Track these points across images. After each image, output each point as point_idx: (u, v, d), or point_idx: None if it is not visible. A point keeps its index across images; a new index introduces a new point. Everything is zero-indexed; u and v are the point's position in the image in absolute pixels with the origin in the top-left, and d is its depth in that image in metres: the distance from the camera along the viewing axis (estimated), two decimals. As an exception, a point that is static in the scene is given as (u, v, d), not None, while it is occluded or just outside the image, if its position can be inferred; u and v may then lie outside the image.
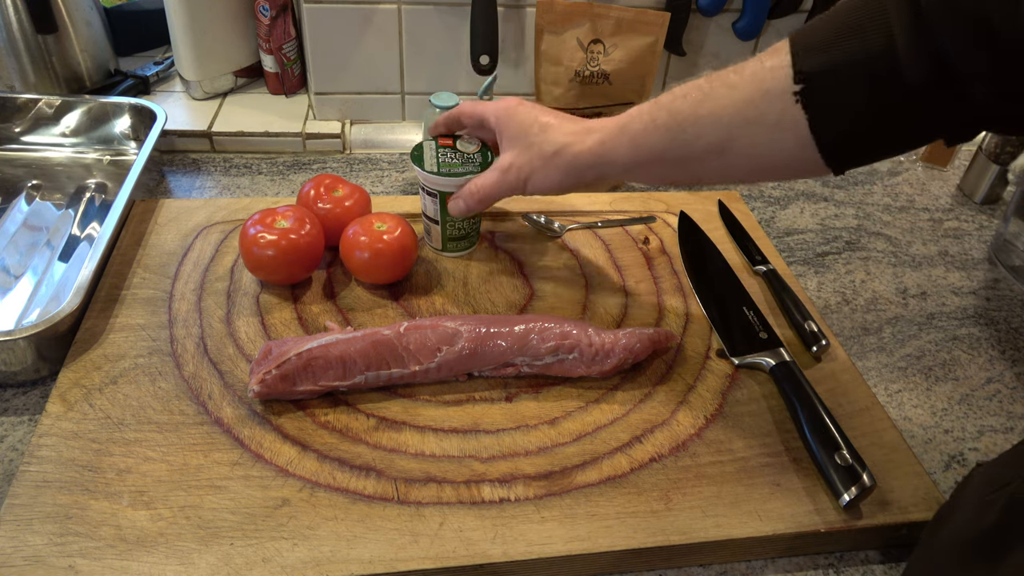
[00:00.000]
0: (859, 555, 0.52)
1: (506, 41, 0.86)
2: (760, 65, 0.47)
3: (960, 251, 0.82)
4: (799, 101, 0.44)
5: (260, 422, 0.54)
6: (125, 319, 0.61)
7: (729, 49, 0.91)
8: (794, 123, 0.45)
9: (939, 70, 0.40)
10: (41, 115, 0.82)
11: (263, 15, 0.88)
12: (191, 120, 0.88)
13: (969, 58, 0.39)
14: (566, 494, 0.51)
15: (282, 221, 0.63)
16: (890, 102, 0.42)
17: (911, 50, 0.40)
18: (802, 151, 0.46)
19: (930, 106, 0.42)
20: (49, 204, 0.76)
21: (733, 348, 0.63)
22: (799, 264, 0.78)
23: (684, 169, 0.52)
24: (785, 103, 0.45)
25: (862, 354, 0.68)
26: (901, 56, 0.41)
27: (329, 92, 0.89)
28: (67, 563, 0.44)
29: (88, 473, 0.49)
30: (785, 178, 0.51)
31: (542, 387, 0.59)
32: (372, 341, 0.56)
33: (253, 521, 0.48)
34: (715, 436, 0.56)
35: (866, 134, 0.45)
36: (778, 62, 0.45)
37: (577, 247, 0.74)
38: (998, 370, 0.67)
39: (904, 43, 0.41)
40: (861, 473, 0.51)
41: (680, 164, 0.52)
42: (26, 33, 0.84)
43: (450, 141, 0.68)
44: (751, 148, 0.48)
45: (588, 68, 0.82)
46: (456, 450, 0.53)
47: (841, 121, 0.44)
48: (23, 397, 0.57)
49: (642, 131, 0.52)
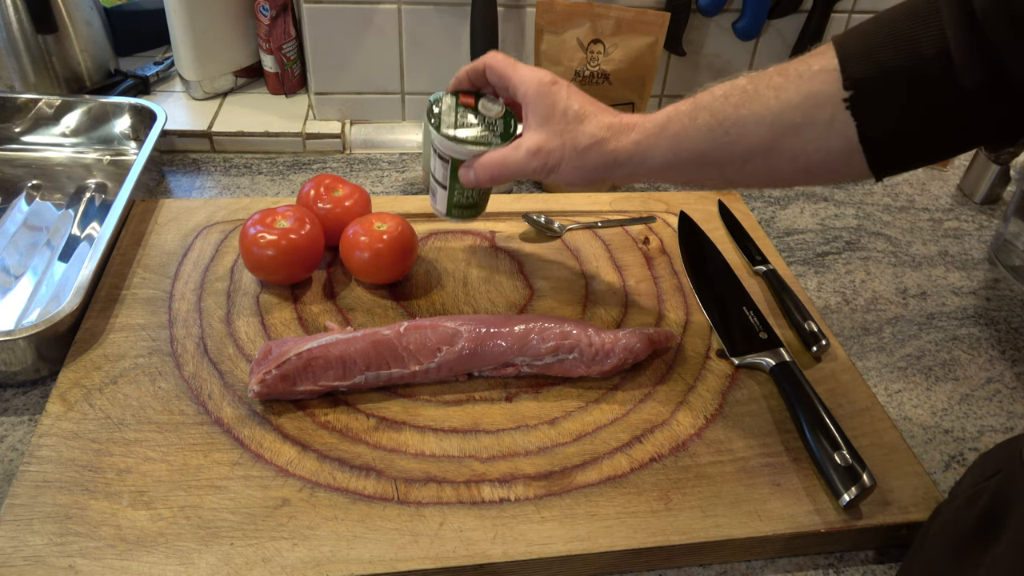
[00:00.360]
0: (859, 555, 0.52)
1: (506, 41, 0.86)
2: (807, 67, 0.46)
3: (960, 251, 0.82)
4: (849, 107, 0.44)
5: (260, 422, 0.54)
6: (125, 319, 0.61)
7: (729, 49, 0.91)
8: (843, 128, 0.45)
9: (993, 76, 0.40)
10: (41, 115, 0.82)
11: (263, 15, 0.88)
12: (191, 120, 0.88)
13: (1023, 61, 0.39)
14: (566, 494, 0.51)
15: (282, 221, 0.63)
16: (942, 107, 0.42)
17: (965, 56, 0.40)
18: (848, 156, 0.46)
19: (981, 112, 0.42)
20: (49, 204, 0.76)
21: (733, 348, 0.63)
22: (799, 264, 0.78)
23: (722, 171, 0.51)
24: (835, 108, 0.45)
25: (862, 354, 0.68)
26: (956, 62, 0.41)
27: (329, 92, 0.89)
28: (67, 563, 0.44)
29: (88, 473, 0.49)
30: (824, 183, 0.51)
31: (542, 387, 0.59)
32: (372, 341, 0.56)
33: (253, 521, 0.48)
34: (715, 436, 0.56)
35: (915, 140, 0.45)
36: (825, 65, 0.45)
37: (577, 247, 0.74)
38: (998, 370, 0.67)
39: (959, 49, 0.40)
40: (861, 473, 0.51)
41: (719, 166, 0.51)
42: (26, 33, 0.84)
43: (471, 100, 0.60)
44: (796, 151, 0.47)
45: (588, 68, 0.82)
46: (456, 450, 0.53)
47: (891, 127, 0.44)
48: (23, 397, 0.57)
49: (682, 131, 0.51)
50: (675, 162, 0.52)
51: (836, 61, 0.45)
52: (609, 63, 0.82)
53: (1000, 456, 0.42)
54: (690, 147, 0.51)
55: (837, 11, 0.90)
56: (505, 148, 0.56)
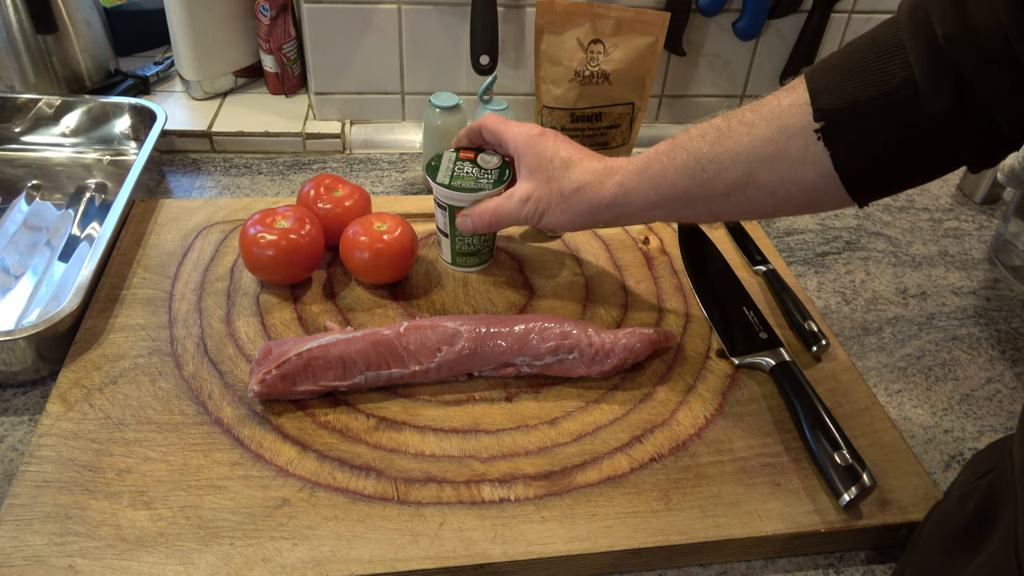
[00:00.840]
0: (859, 555, 0.52)
1: (506, 41, 0.86)
2: (777, 103, 0.47)
3: (960, 251, 0.82)
4: (821, 138, 0.45)
5: (260, 422, 0.54)
6: (125, 319, 0.61)
7: (729, 49, 0.91)
8: (817, 160, 0.45)
9: (960, 98, 0.40)
10: (41, 115, 0.82)
11: (263, 15, 0.88)
12: (191, 120, 0.88)
13: (990, 84, 0.39)
14: (566, 494, 0.51)
15: (282, 221, 0.63)
16: (913, 133, 0.43)
17: (931, 80, 0.41)
18: (826, 186, 0.46)
19: (953, 134, 0.42)
20: (49, 204, 0.76)
21: (733, 348, 0.63)
22: (799, 264, 0.78)
23: (704, 207, 0.53)
24: (807, 140, 0.45)
25: (862, 354, 0.68)
26: (921, 87, 0.41)
27: (329, 92, 0.89)
28: (67, 563, 0.44)
29: (88, 473, 0.49)
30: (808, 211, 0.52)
31: (542, 387, 0.59)
32: (372, 341, 0.56)
33: (253, 521, 0.48)
34: (715, 436, 0.56)
35: (891, 166, 0.45)
36: (796, 99, 0.46)
37: (577, 247, 0.74)
38: (998, 370, 0.67)
39: (923, 74, 0.41)
40: (861, 473, 0.51)
41: (700, 202, 0.52)
42: (26, 33, 0.84)
43: (471, 154, 0.67)
44: (773, 185, 0.48)
45: (588, 68, 0.82)
46: (456, 450, 0.53)
47: (865, 156, 0.45)
48: (23, 397, 0.57)
49: (662, 172, 0.53)
50: (658, 201, 0.54)
51: (807, 95, 0.45)
52: (609, 63, 0.82)
53: (993, 455, 0.43)
54: (670, 186, 0.52)
55: (837, 11, 0.90)
56: (499, 197, 0.61)
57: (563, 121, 0.84)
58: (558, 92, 0.83)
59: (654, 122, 0.97)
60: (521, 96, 0.91)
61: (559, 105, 0.84)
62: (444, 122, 0.76)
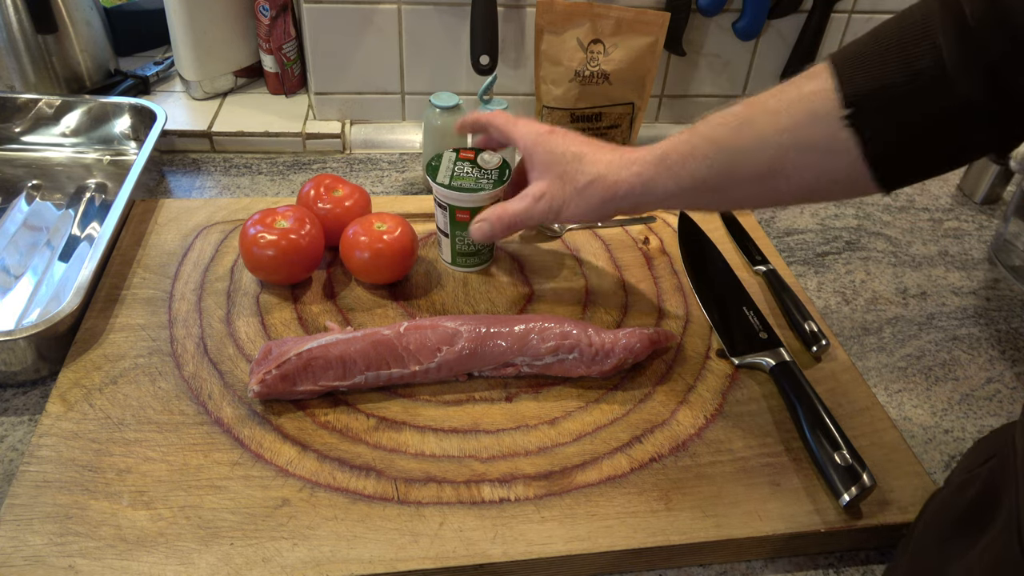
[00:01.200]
0: (859, 555, 0.52)
1: (506, 41, 0.86)
2: (799, 90, 0.46)
3: (960, 251, 0.82)
4: (849, 124, 0.44)
5: (260, 422, 0.54)
6: (125, 319, 0.61)
7: (729, 49, 0.91)
8: (845, 146, 0.45)
9: (990, 83, 0.40)
10: (41, 115, 0.82)
11: (263, 15, 0.88)
12: (191, 120, 0.88)
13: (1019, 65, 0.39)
14: (566, 494, 0.51)
15: (282, 221, 0.63)
16: (942, 119, 0.42)
17: (960, 65, 0.40)
18: (853, 173, 0.45)
19: (983, 119, 0.42)
20: (49, 204, 0.76)
21: (733, 348, 0.63)
22: (799, 264, 0.78)
23: (725, 196, 0.52)
24: (834, 127, 0.44)
25: (862, 354, 0.68)
26: (950, 72, 0.40)
27: (329, 92, 0.89)
28: (67, 563, 0.44)
29: (88, 473, 0.49)
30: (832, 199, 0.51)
31: (542, 387, 0.59)
32: (372, 341, 0.56)
33: (253, 521, 0.48)
34: (715, 436, 0.56)
35: (920, 153, 0.44)
36: (820, 86, 0.45)
37: (577, 247, 0.74)
38: (998, 370, 0.67)
39: (952, 59, 0.40)
40: (861, 473, 0.51)
41: (721, 191, 0.51)
42: (26, 33, 0.84)
43: (471, 154, 0.67)
44: (798, 172, 0.47)
45: (588, 68, 0.82)
46: (456, 450, 0.53)
47: (894, 142, 0.44)
48: (23, 397, 0.57)
49: (681, 161, 0.52)
50: (677, 191, 0.53)
51: (831, 80, 0.45)
52: (609, 63, 0.82)
53: (994, 442, 0.42)
54: (690, 175, 0.51)
55: (837, 11, 0.90)
56: (513, 199, 0.60)
57: (563, 121, 0.84)
58: (558, 92, 0.83)
59: (654, 122, 0.97)
60: (521, 96, 0.91)
61: (559, 105, 0.84)
62: (444, 122, 0.76)
